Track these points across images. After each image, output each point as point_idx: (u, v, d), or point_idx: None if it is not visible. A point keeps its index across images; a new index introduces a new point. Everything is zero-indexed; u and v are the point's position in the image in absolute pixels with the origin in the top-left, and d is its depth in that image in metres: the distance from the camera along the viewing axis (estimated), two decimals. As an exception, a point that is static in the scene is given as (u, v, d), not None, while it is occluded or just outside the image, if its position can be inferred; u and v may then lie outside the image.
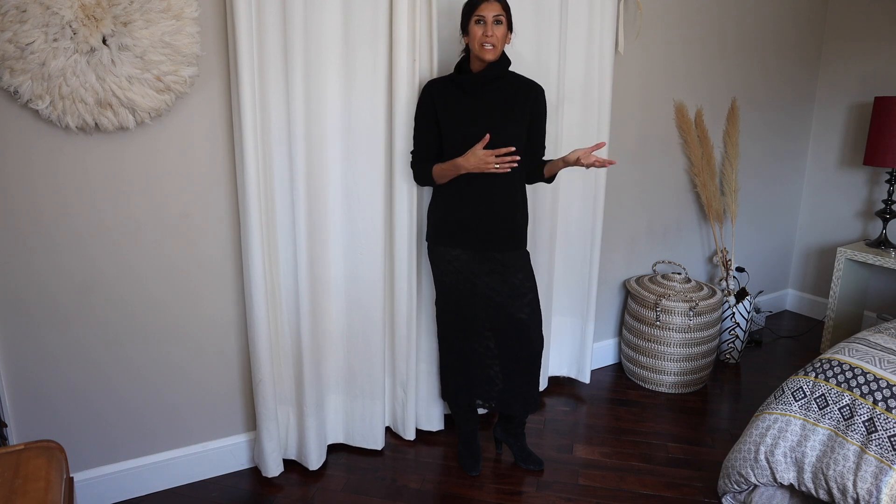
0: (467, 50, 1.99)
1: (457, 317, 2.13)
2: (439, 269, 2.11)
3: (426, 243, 2.17)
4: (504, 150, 1.84)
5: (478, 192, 2.00)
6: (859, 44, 3.37)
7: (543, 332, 2.70)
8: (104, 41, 1.67)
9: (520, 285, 2.07)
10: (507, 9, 1.92)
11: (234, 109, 1.91)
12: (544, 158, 2.13)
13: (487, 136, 1.87)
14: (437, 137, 2.04)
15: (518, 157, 1.87)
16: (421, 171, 2.07)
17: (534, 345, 2.11)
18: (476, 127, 1.94)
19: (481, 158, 1.86)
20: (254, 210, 1.94)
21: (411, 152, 2.11)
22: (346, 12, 2.01)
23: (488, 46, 1.88)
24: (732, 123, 3.17)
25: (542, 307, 2.67)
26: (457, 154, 1.95)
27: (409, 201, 2.19)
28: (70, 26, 1.62)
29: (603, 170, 2.64)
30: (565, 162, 1.96)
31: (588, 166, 1.91)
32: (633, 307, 2.89)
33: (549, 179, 2.13)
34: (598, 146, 1.93)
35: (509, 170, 1.88)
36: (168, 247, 1.98)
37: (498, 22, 1.88)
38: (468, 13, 1.92)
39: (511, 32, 1.97)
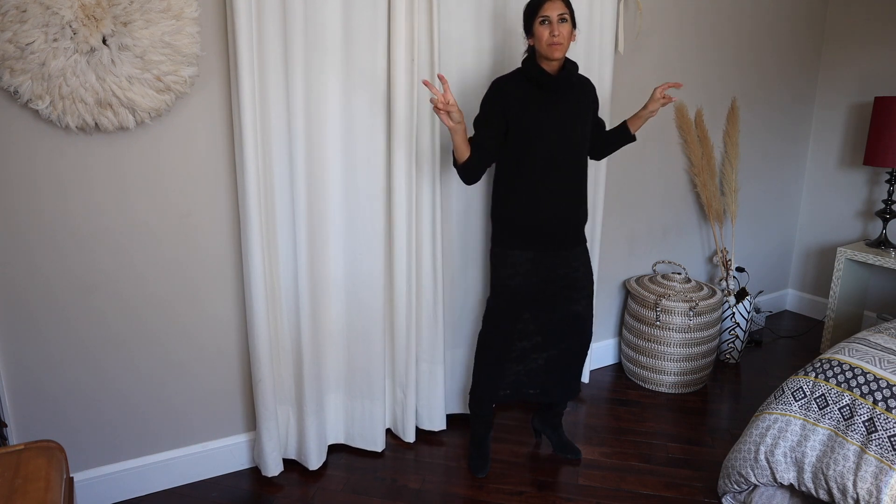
0: (531, 49, 1.97)
1: (514, 318, 2.09)
2: (506, 273, 2.06)
3: (490, 246, 2.11)
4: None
5: (557, 192, 2.00)
6: (859, 44, 3.37)
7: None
8: (104, 41, 1.67)
9: (581, 279, 2.11)
10: (570, 6, 1.91)
11: (234, 109, 1.91)
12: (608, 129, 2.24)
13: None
14: (498, 136, 1.99)
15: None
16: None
17: (585, 336, 2.17)
18: (557, 128, 1.96)
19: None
20: (254, 209, 1.94)
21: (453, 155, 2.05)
22: (346, 12, 2.01)
23: (556, 45, 1.87)
24: (732, 123, 3.18)
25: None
26: (527, 152, 1.96)
27: (409, 201, 2.19)
28: (70, 26, 1.62)
29: (603, 170, 2.64)
30: (648, 109, 2.06)
31: (661, 99, 2.03)
32: (633, 307, 2.89)
33: (634, 137, 2.19)
34: (675, 85, 2.03)
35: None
36: (168, 246, 1.98)
37: (563, 20, 1.87)
38: (532, 14, 1.91)
39: (576, 29, 1.95)
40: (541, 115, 1.95)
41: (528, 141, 1.96)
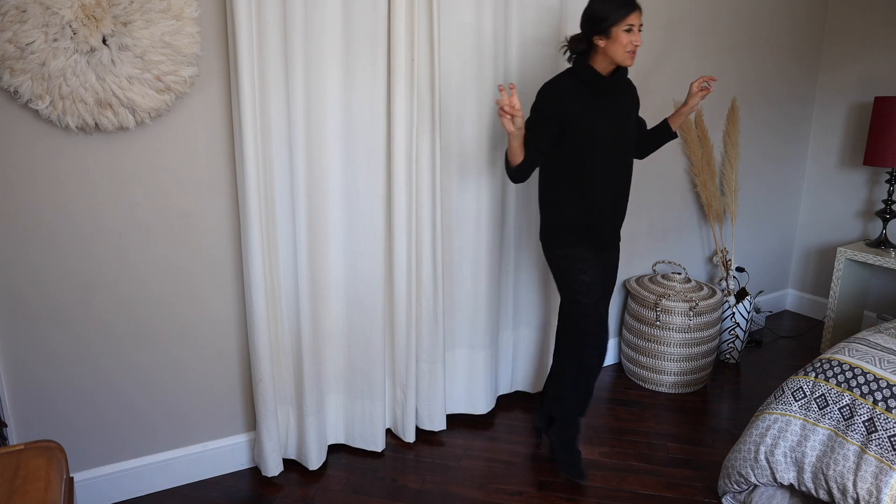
0: (584, 51, 1.98)
1: (590, 318, 2.08)
2: (573, 272, 2.05)
3: (552, 250, 2.10)
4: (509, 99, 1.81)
5: (611, 192, 2.05)
6: (859, 44, 3.37)
7: (547, 333, 2.72)
8: (104, 41, 1.67)
9: (610, 280, 2.18)
10: None
11: (234, 109, 1.91)
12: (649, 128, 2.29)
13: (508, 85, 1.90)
14: (553, 139, 1.99)
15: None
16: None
17: (607, 339, 2.19)
18: (613, 129, 2.00)
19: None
20: (254, 210, 1.94)
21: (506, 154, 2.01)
22: (346, 12, 2.01)
23: (632, 52, 1.92)
24: (732, 123, 3.17)
25: (543, 309, 2.69)
26: (585, 153, 1.98)
27: (409, 201, 2.20)
28: (70, 26, 1.62)
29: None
30: (688, 105, 2.13)
31: (700, 92, 2.10)
32: (633, 307, 2.89)
33: (675, 134, 2.25)
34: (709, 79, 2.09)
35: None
36: (168, 246, 1.98)
37: (640, 30, 1.93)
38: (615, 20, 1.88)
39: None
40: (597, 117, 1.98)
41: (587, 142, 1.98)
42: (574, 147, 1.99)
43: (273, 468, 2.17)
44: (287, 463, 2.25)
